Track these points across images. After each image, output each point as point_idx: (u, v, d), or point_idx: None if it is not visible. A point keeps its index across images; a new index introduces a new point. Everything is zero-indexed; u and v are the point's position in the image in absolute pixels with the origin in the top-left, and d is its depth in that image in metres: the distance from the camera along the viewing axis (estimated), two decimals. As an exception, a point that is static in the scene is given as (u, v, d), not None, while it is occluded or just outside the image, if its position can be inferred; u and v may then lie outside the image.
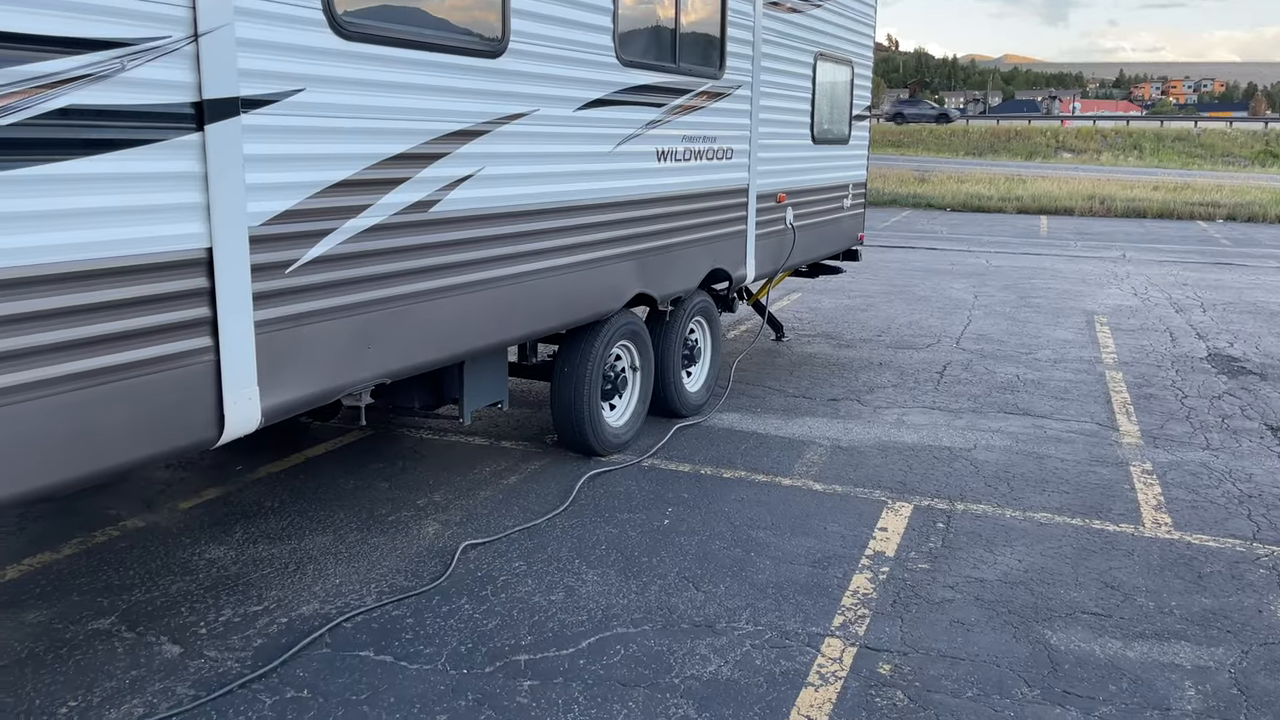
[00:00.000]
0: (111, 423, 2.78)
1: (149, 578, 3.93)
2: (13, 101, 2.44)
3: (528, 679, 3.26)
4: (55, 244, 2.57)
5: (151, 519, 4.53)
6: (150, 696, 3.11)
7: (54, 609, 3.65)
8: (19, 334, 2.51)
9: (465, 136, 3.99)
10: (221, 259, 3.02)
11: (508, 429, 6.04)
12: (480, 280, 4.20)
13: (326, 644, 3.45)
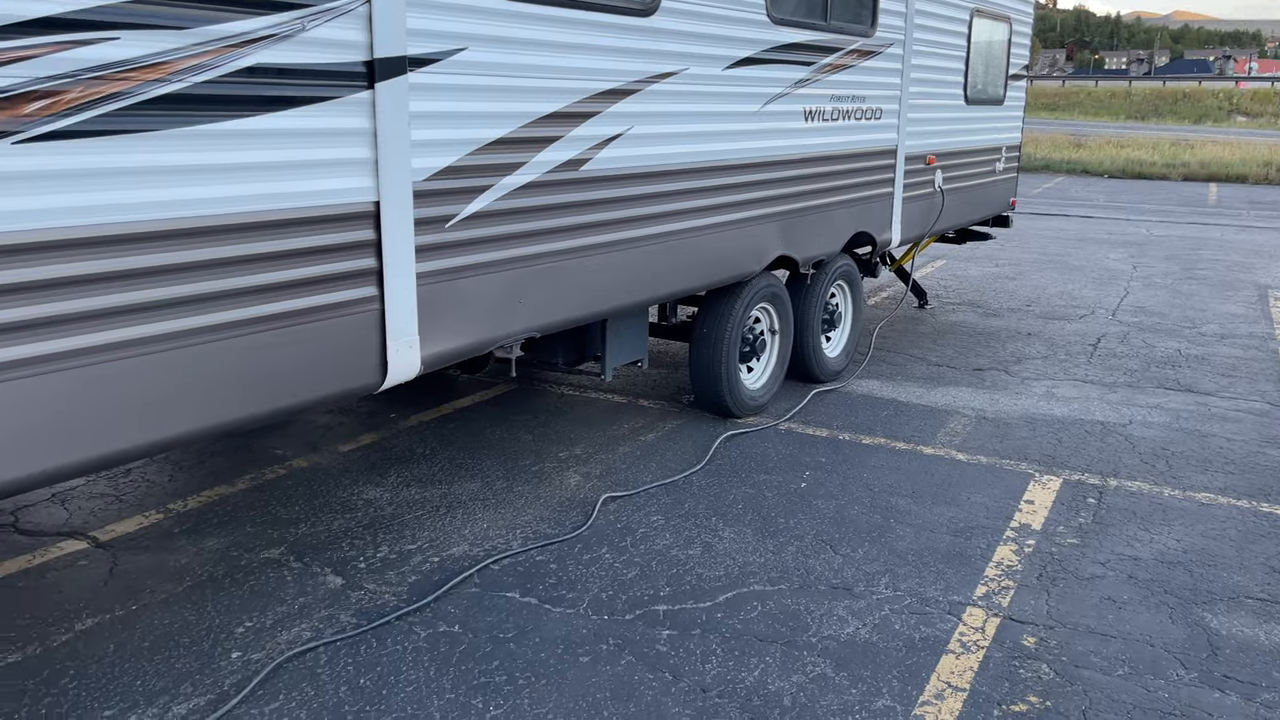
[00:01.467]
0: (287, 365, 2.97)
1: (313, 513, 4.19)
2: (205, 60, 2.61)
3: (666, 628, 3.34)
4: (239, 195, 2.75)
5: (315, 460, 4.81)
6: (316, 622, 3.33)
7: (230, 537, 3.94)
8: (209, 279, 2.70)
9: (616, 96, 4.03)
10: (388, 212, 3.17)
11: (645, 388, 6.13)
12: (626, 239, 4.26)
13: (475, 584, 3.61)
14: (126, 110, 2.45)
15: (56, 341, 2.40)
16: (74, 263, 2.40)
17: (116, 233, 2.47)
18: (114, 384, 2.53)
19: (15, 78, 2.24)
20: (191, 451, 4.86)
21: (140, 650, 3.13)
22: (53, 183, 2.33)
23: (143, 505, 4.23)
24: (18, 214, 2.28)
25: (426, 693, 2.95)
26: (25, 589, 3.50)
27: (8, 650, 3.11)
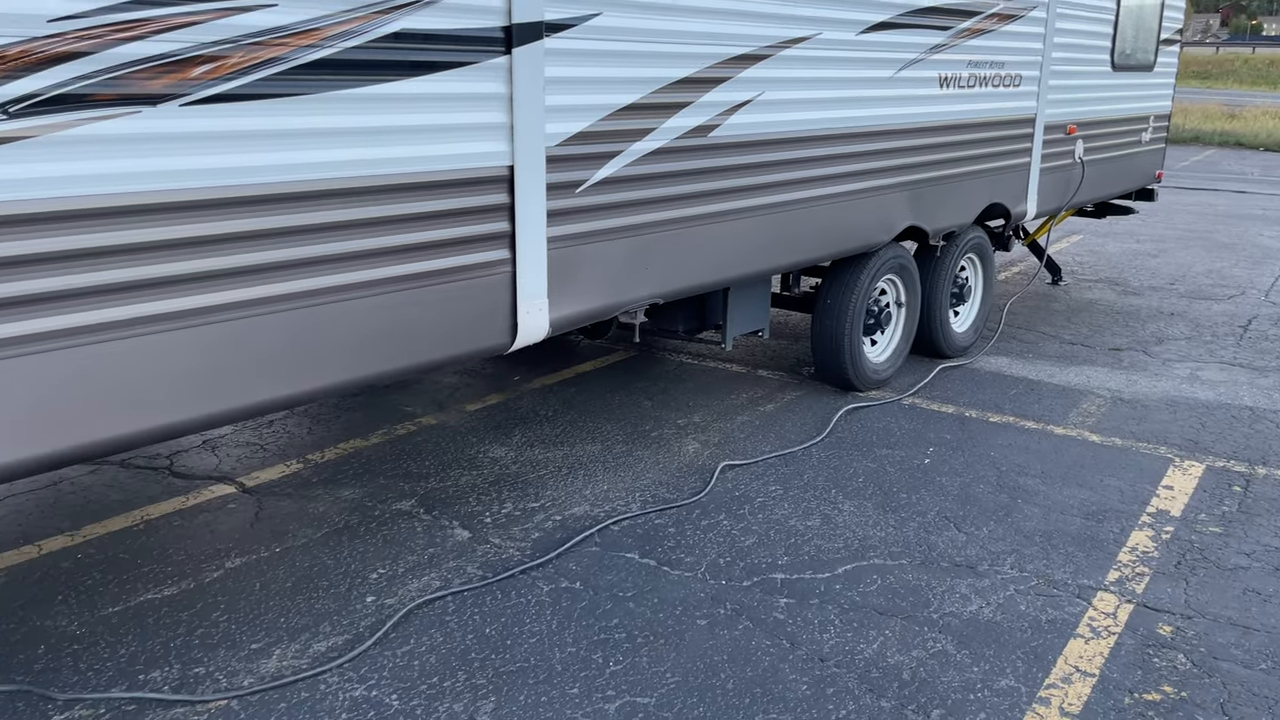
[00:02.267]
0: (423, 324, 3.07)
1: (442, 469, 4.34)
2: (355, 26, 2.70)
3: (784, 596, 3.34)
4: (382, 158, 2.84)
5: (443, 418, 4.97)
6: (445, 572, 3.46)
7: (364, 488, 4.12)
8: (353, 239, 2.81)
9: (747, 61, 4.00)
10: (522, 177, 3.23)
11: (765, 358, 6.10)
12: (753, 206, 4.23)
13: (596, 543, 3.69)
14: (282, 75, 2.57)
15: (214, 295, 2.54)
16: (230, 220, 2.53)
17: (269, 192, 2.60)
18: (264, 336, 2.67)
19: (183, 43, 2.37)
20: (328, 406, 5.08)
21: (284, 590, 3.32)
22: (214, 144, 2.46)
23: (284, 455, 4.46)
24: (182, 173, 2.42)
25: (549, 645, 3.03)
26: (180, 528, 3.75)
27: (165, 584, 3.34)
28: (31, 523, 3.76)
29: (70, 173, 2.25)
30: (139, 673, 2.84)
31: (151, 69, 2.33)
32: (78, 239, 2.28)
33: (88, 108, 2.25)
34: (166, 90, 2.37)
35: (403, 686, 2.82)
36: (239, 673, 2.86)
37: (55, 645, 2.97)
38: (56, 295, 2.27)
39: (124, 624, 3.09)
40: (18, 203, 2.18)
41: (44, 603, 3.20)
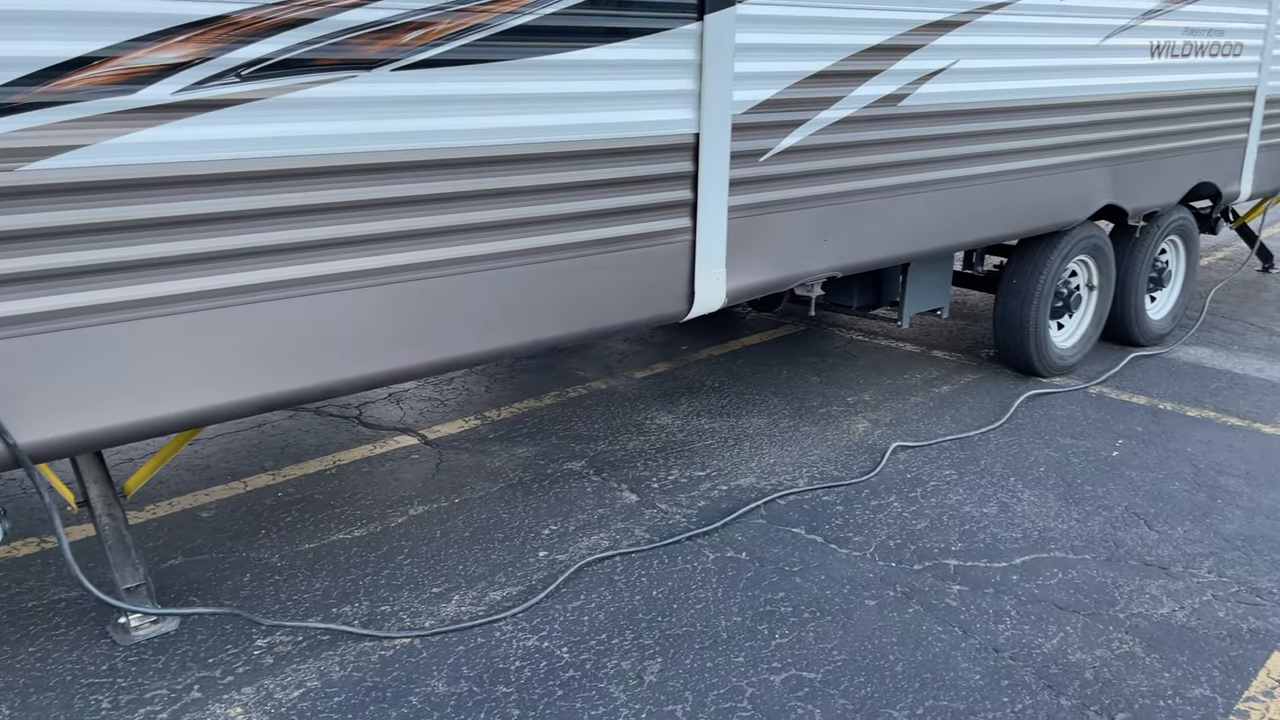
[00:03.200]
0: (604, 289, 3.12)
1: (610, 433, 4.42)
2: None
3: (956, 583, 3.24)
4: (574, 124, 2.89)
5: (612, 383, 5.06)
6: (614, 533, 3.53)
7: (538, 447, 4.25)
8: (542, 203, 2.88)
9: (943, 28, 3.84)
10: (706, 145, 3.22)
11: (941, 338, 5.90)
12: (939, 180, 4.08)
13: (762, 516, 3.68)
14: (485, 41, 2.65)
15: (417, 253, 2.66)
16: (433, 182, 2.64)
17: (470, 156, 2.69)
18: (460, 295, 2.77)
19: (396, 9, 2.48)
20: (504, 366, 5.26)
21: (462, 539, 3.46)
22: (421, 107, 2.57)
23: (463, 411, 4.65)
24: (391, 135, 2.53)
25: (714, 612, 3.05)
26: (368, 474, 3.97)
27: (354, 525, 3.55)
28: (239, 461, 4.07)
29: (292, 133, 2.39)
30: (332, 606, 3.04)
31: (368, 35, 2.44)
32: (296, 196, 2.43)
33: (310, 72, 2.39)
34: (380, 55, 2.48)
35: (573, 640, 2.90)
36: (421, 614, 3.01)
37: (259, 575, 3.21)
38: (277, 248, 2.43)
39: (319, 560, 3.31)
40: (245, 160, 2.34)
41: (249, 535, 3.46)
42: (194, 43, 2.22)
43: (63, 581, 3.14)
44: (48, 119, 2.08)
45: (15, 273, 2.12)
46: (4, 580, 3.14)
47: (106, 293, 2.23)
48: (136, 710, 2.55)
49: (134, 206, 2.22)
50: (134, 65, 2.16)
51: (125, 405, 2.32)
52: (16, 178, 2.08)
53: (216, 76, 2.27)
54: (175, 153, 2.25)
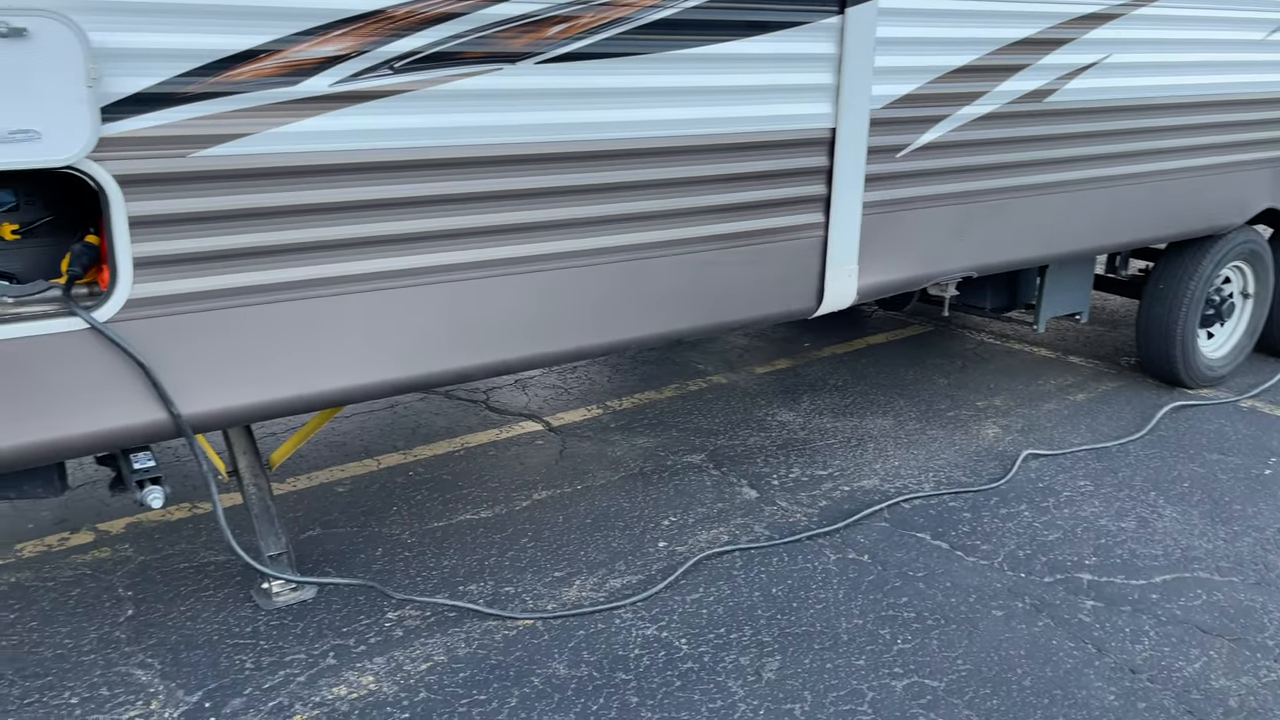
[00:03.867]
0: (733, 283, 3.11)
1: (730, 427, 4.41)
2: (696, -13, 2.75)
3: (1090, 599, 3.12)
4: (711, 118, 2.89)
5: (733, 378, 5.05)
6: (733, 528, 3.53)
7: (658, 438, 4.28)
8: (676, 197, 2.89)
9: (1096, 20, 3.68)
10: (843, 140, 3.18)
11: (1077, 344, 5.68)
12: (1085, 179, 3.92)
13: (885, 519, 3.61)
14: (626, 34, 2.67)
15: (552, 244, 2.71)
16: (573, 174, 2.68)
17: (609, 148, 2.72)
18: (592, 286, 2.81)
19: (543, 3, 2.52)
20: (625, 357, 5.31)
21: (584, 525, 3.52)
22: (562, 100, 2.61)
23: (586, 400, 4.72)
24: (533, 127, 2.58)
25: (835, 613, 3.02)
26: (494, 457, 4.07)
27: (481, 506, 3.65)
28: (373, 439, 4.23)
29: (439, 124, 2.47)
30: (458, 584, 3.13)
31: (514, 29, 2.50)
32: (441, 186, 2.50)
33: (458, 65, 2.46)
34: (525, 49, 2.53)
35: (691, 632, 2.91)
36: (543, 596, 3.07)
37: (390, 550, 3.33)
38: (422, 236, 2.51)
39: (447, 538, 3.41)
40: (394, 150, 2.42)
41: (381, 511, 3.60)
42: (352, 36, 2.31)
43: (212, 546, 3.32)
44: (218, 108, 2.20)
45: (183, 253, 2.25)
46: (159, 542, 3.34)
47: (265, 274, 2.35)
48: (277, 672, 2.69)
49: (292, 192, 2.33)
50: (297, 58, 2.26)
51: (278, 382, 2.44)
52: (188, 163, 2.20)
53: (371, 69, 2.36)
54: (330, 142, 2.35)
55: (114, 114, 2.09)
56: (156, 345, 2.27)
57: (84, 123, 2.03)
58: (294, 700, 2.58)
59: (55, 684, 2.62)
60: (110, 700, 2.56)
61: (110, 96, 2.08)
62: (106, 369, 2.23)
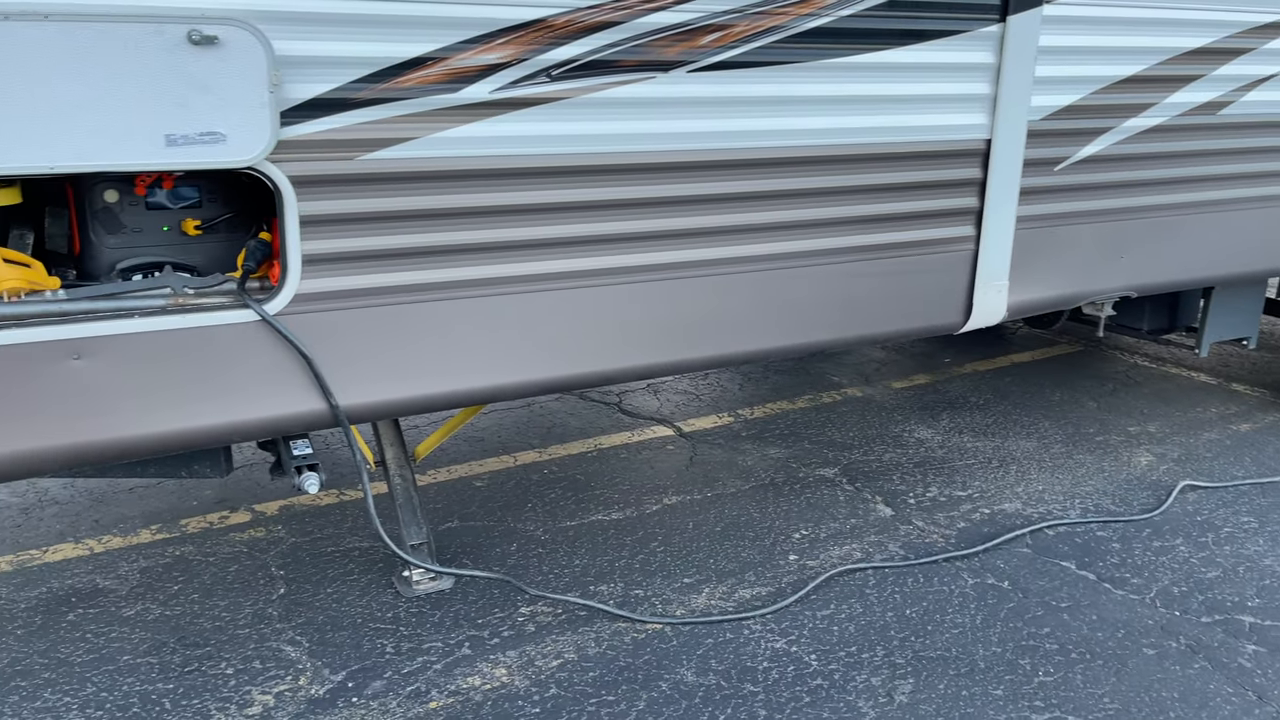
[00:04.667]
0: (877, 296, 3.06)
1: (865, 442, 4.33)
2: (852, -5, 2.72)
3: (1251, 642, 2.93)
4: (863, 127, 2.85)
5: (868, 391, 4.95)
6: (866, 545, 3.46)
7: (790, 450, 4.24)
8: (825, 205, 2.86)
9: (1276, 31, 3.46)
10: (998, 151, 3.08)
11: (1242, 371, 5.34)
12: (1263, 196, 3.69)
13: (1027, 544, 3.48)
14: (780, 43, 2.66)
15: (699, 251, 2.72)
16: (722, 182, 2.68)
17: (757, 157, 2.71)
18: (736, 294, 2.81)
19: (697, 12, 2.54)
20: (758, 366, 5.28)
21: (713, 533, 3.51)
22: (713, 109, 2.62)
23: (717, 407, 4.71)
24: (684, 135, 2.60)
25: (972, 640, 2.92)
26: (626, 460, 4.11)
27: (612, 508, 3.69)
28: (509, 436, 4.33)
29: (592, 131, 2.51)
30: (590, 583, 3.17)
31: (668, 37, 2.52)
32: (593, 192, 2.54)
33: (612, 73, 2.49)
34: (678, 58, 2.55)
35: (822, 649, 2.87)
36: (672, 602, 3.08)
37: (524, 546, 3.40)
38: (574, 240, 2.56)
39: (579, 537, 3.46)
40: (549, 156, 2.48)
41: (517, 507, 3.68)
42: (513, 45, 2.37)
43: (357, 532, 3.47)
44: (385, 113, 2.30)
45: (347, 251, 2.35)
46: (309, 525, 3.51)
47: (423, 274, 2.44)
48: (415, 659, 2.78)
49: (451, 195, 2.41)
50: (460, 65, 2.34)
51: (431, 378, 2.52)
52: (355, 166, 2.31)
53: (529, 77, 2.41)
54: (489, 147, 2.42)
55: (291, 118, 2.20)
56: (319, 338, 2.39)
57: (265, 126, 2.15)
58: (430, 687, 2.67)
59: (213, 654, 2.78)
60: (262, 673, 2.70)
61: (288, 101, 2.19)
62: (273, 359, 2.36)
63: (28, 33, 1.92)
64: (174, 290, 2.31)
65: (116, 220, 2.36)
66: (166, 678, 2.67)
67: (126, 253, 2.38)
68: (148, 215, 2.39)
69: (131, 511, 3.56)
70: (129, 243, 2.38)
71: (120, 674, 2.67)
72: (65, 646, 2.78)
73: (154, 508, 3.60)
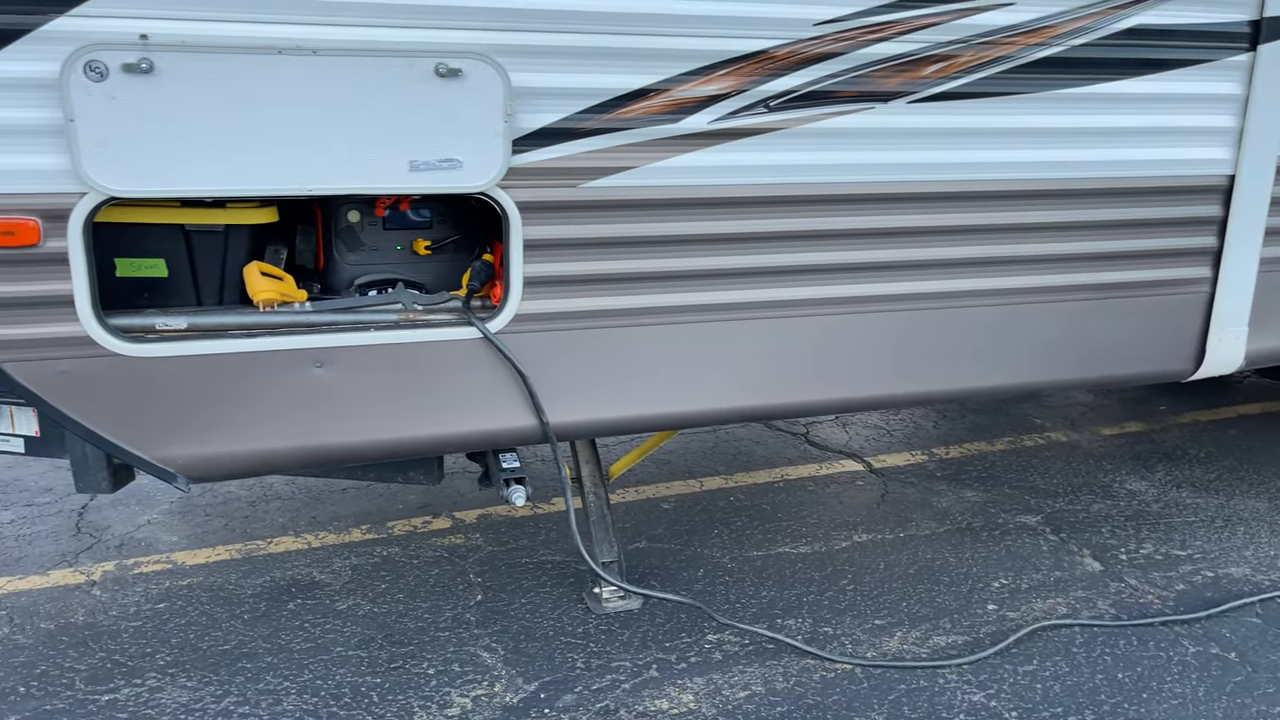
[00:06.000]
0: (1101, 337, 2.90)
1: (1071, 491, 4.09)
2: (1087, 23, 2.60)
3: None
4: (1094, 160, 2.72)
5: (1074, 437, 4.69)
6: (1072, 600, 3.26)
7: (988, 493, 4.06)
8: (1046, 241, 2.74)
9: None
10: (1242, 188, 2.87)
11: None
12: None
13: (1257, 614, 3.19)
14: (1005, 74, 2.57)
15: (911, 284, 2.66)
16: (938, 214, 2.62)
17: (976, 190, 2.63)
18: (944, 329, 2.73)
19: (920, 43, 2.49)
20: (956, 409, 5.09)
21: (906, 575, 3.40)
22: (931, 139, 2.56)
23: (909, 444, 4.57)
24: (903, 166, 2.55)
25: (1193, 713, 2.70)
26: (813, 493, 4.05)
27: (799, 541, 3.64)
28: (695, 461, 4.35)
29: (807, 161, 2.50)
30: (776, 616, 3.13)
31: (889, 68, 2.49)
32: (807, 222, 2.54)
33: (830, 104, 2.48)
34: (898, 88, 2.51)
35: (1024, 706, 2.72)
36: (862, 643, 3.00)
37: (711, 572, 3.40)
38: (784, 270, 2.56)
39: (765, 568, 3.43)
40: (763, 185, 2.49)
41: (703, 532, 3.69)
42: (733, 76, 2.40)
43: (549, 545, 3.56)
44: (608, 143, 2.37)
45: (564, 275, 2.44)
46: (505, 535, 3.63)
47: (633, 298, 2.50)
48: (604, 676, 2.82)
49: (666, 223, 2.46)
50: (681, 96, 2.39)
51: (635, 400, 2.57)
52: (577, 193, 2.39)
53: (748, 107, 2.44)
54: (704, 176, 2.45)
55: (521, 146, 2.31)
56: (533, 357, 2.48)
57: (498, 154, 2.26)
58: (619, 705, 2.70)
59: (416, 654, 2.91)
60: (460, 676, 2.81)
61: (519, 130, 2.30)
62: (491, 376, 2.46)
63: (296, 67, 2.10)
64: (405, 306, 2.46)
65: (357, 239, 2.53)
66: (374, 671, 2.82)
67: (364, 269, 2.55)
68: (384, 235, 2.56)
69: (344, 510, 3.80)
70: (366, 260, 2.55)
71: (334, 664, 2.84)
72: (285, 634, 2.98)
73: (364, 508, 3.82)
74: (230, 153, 2.09)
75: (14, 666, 2.80)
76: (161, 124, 2.04)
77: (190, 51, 2.03)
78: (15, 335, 2.11)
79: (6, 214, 2.03)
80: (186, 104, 2.05)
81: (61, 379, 2.14)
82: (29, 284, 2.09)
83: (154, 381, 2.21)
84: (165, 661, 2.83)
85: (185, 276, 2.38)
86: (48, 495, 3.86)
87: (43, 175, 2.04)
